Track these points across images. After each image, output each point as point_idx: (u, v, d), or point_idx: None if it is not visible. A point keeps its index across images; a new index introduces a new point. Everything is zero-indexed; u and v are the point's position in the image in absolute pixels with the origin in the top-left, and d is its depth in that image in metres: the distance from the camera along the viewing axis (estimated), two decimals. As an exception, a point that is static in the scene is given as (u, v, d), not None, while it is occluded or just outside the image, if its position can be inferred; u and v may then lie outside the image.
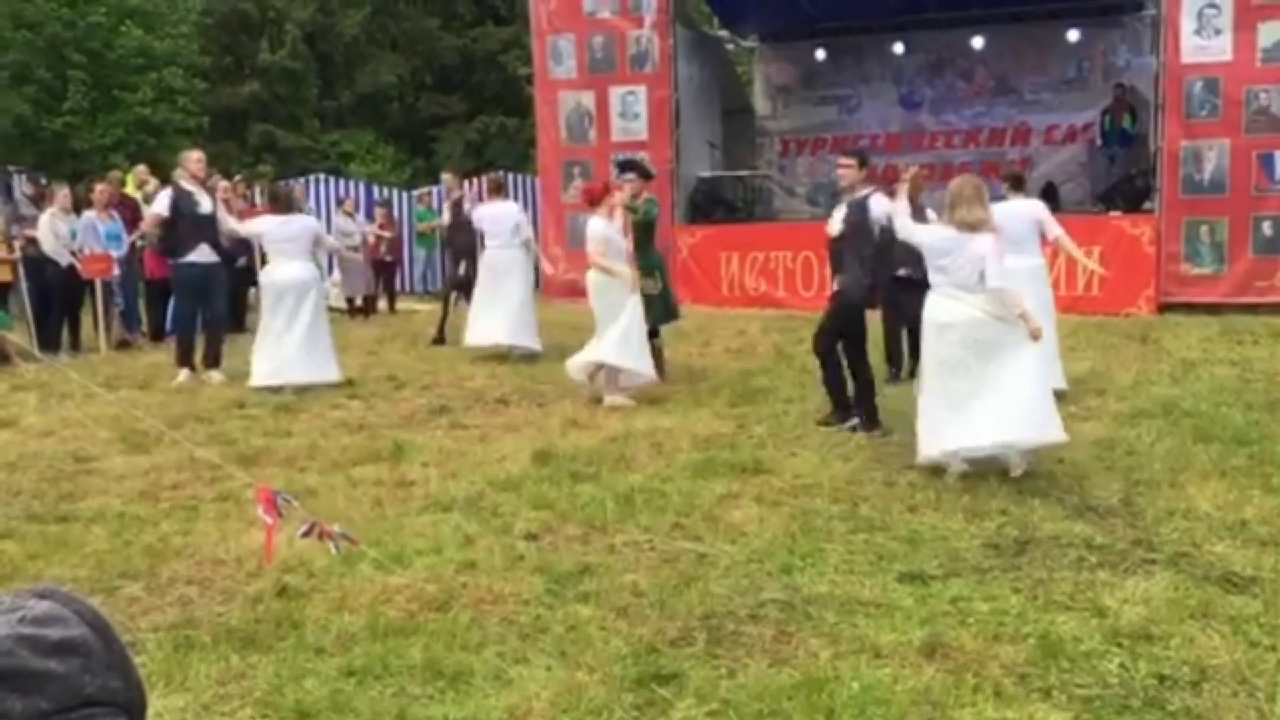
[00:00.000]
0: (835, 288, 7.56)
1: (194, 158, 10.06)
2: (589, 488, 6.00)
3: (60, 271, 11.58)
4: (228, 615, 4.34)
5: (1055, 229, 8.36)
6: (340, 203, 17.07)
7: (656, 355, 9.01)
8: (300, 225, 9.61)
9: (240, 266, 13.18)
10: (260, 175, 21.00)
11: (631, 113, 15.31)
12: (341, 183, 19.92)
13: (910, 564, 4.77)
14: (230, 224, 10.18)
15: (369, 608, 4.31)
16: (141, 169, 14.84)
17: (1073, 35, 16.56)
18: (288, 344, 9.15)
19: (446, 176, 13.29)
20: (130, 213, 12.91)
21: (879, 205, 7.38)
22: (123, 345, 12.15)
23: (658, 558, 4.95)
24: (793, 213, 17.30)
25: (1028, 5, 16.53)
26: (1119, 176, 15.23)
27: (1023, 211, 8.27)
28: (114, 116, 22.70)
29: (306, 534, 4.21)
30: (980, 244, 5.99)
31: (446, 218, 12.64)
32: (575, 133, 15.59)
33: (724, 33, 18.46)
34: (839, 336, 7.43)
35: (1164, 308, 12.83)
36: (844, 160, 7.73)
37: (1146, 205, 13.66)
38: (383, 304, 15.98)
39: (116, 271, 12.04)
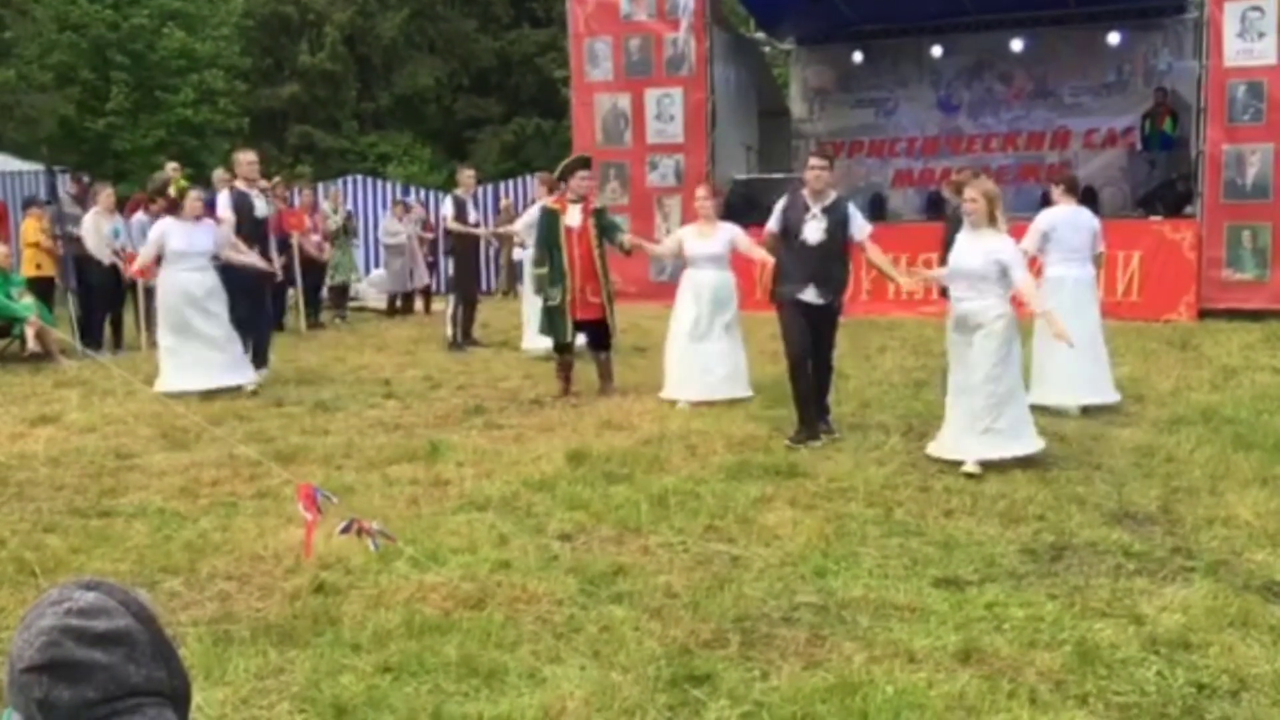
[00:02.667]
0: (822, 300, 7.21)
1: (245, 160, 9.96)
2: (623, 489, 6.02)
3: (103, 270, 11.74)
4: (266, 611, 4.39)
5: (1099, 245, 8.34)
6: (396, 203, 17.23)
7: (567, 370, 8.98)
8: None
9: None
10: (298, 176, 21.20)
11: (667, 115, 15.34)
12: (377, 183, 20.09)
13: (945, 569, 4.76)
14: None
15: (405, 605, 4.34)
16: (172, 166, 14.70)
17: (1113, 38, 16.41)
18: (199, 349, 9.12)
19: (468, 174, 12.73)
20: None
21: (861, 225, 7.33)
22: (163, 343, 12.28)
23: (691, 559, 4.96)
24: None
25: (1068, 8, 16.40)
26: (1160, 181, 15.07)
27: (1083, 220, 8.22)
28: (156, 117, 22.99)
29: (346, 530, 4.26)
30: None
31: (472, 218, 12.24)
32: (611, 135, 15.63)
33: (760, 35, 18.44)
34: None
35: (1205, 314, 12.70)
36: (817, 161, 7.36)
37: (1188, 210, 13.53)
38: (418, 304, 16.09)
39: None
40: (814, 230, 7.14)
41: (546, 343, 10.33)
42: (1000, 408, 6.29)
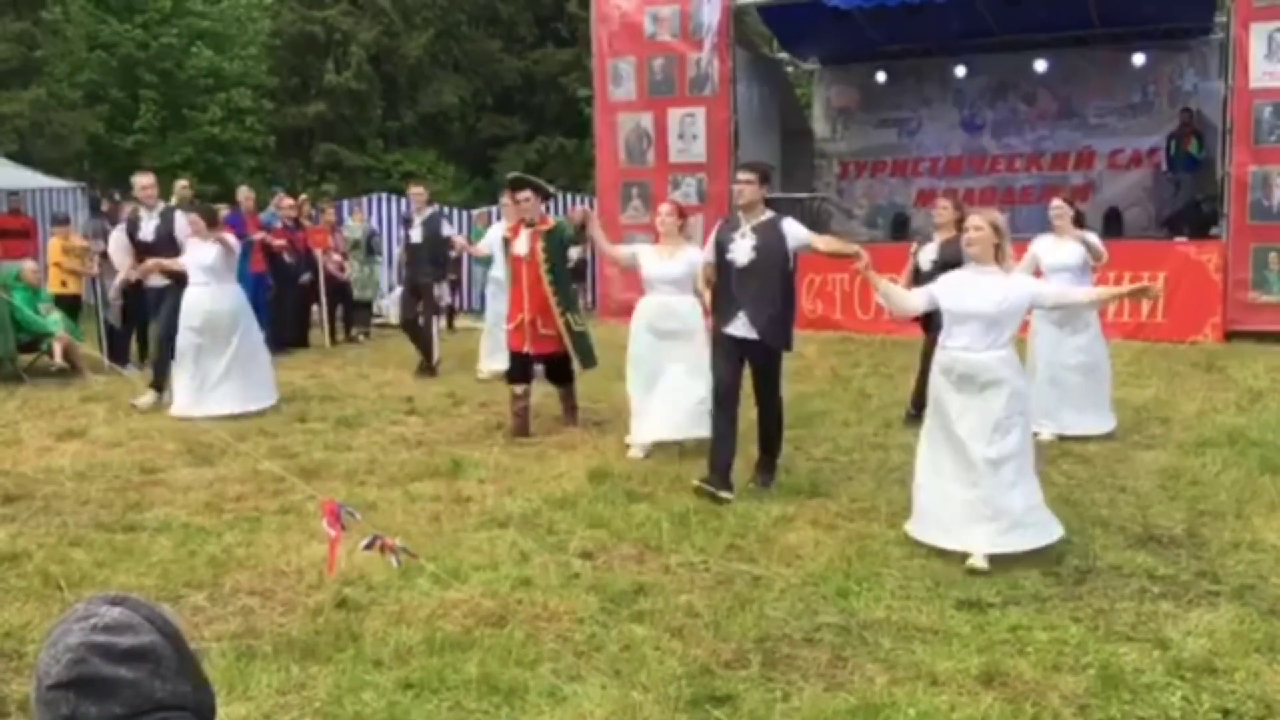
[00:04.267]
0: (754, 334, 6.31)
1: (139, 183, 9.70)
2: (644, 507, 6.02)
3: (131, 288, 11.84)
4: (288, 626, 4.41)
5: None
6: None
7: (515, 404, 8.19)
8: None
9: (304, 282, 13.44)
10: (323, 194, 21.36)
11: (690, 134, 15.38)
12: (402, 201, 20.21)
13: (968, 591, 4.73)
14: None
15: (426, 622, 4.36)
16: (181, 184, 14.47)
17: (1138, 59, 16.37)
18: (212, 374, 8.90)
19: (416, 190, 11.82)
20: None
21: (796, 230, 6.40)
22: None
23: (712, 579, 4.96)
24: (851, 235, 17.17)
25: (1092, 29, 16.37)
26: (1185, 202, 15.01)
27: None
28: (184, 135, 23.26)
29: (369, 546, 4.28)
30: None
31: (418, 235, 11.39)
32: (634, 154, 15.69)
33: (784, 55, 18.48)
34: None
35: (1230, 335, 12.61)
36: (744, 175, 6.47)
37: (1213, 231, 13.46)
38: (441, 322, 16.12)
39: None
40: (742, 250, 6.31)
41: (496, 366, 10.06)
42: (1016, 484, 5.19)
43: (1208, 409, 8.62)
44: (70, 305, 12.14)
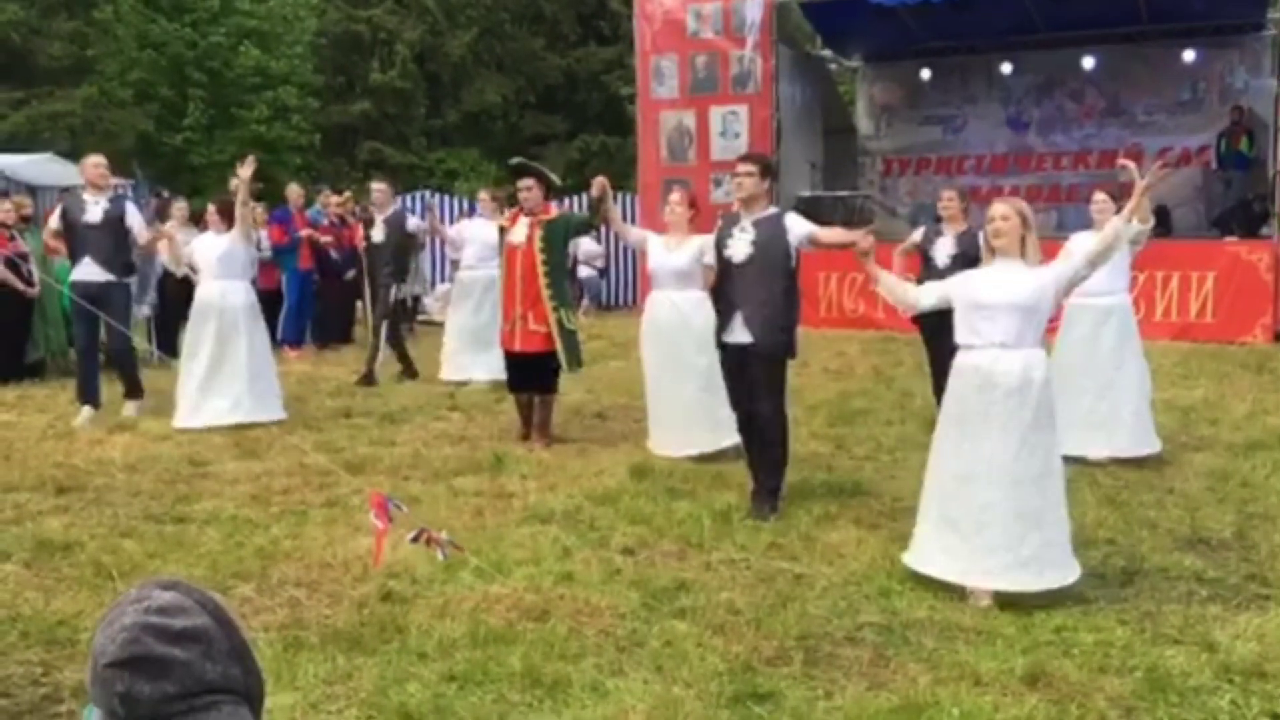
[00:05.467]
0: (749, 337, 5.90)
1: (89, 163, 8.92)
2: (685, 504, 6.03)
3: (177, 281, 12.02)
4: (334, 618, 4.46)
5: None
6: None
7: (521, 411, 7.90)
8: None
9: (348, 279, 13.55)
10: (368, 192, 21.55)
11: (732, 132, 15.36)
12: (445, 199, 20.34)
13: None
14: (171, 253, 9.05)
15: (470, 615, 4.39)
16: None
17: (1188, 56, 16.12)
18: (220, 379, 8.42)
19: (378, 186, 11.38)
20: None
21: (798, 224, 6.00)
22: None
23: (754, 576, 4.96)
24: (894, 234, 16.98)
25: (1141, 25, 16.15)
26: (1235, 201, 14.78)
27: None
28: (231, 133, 23.54)
29: (415, 539, 4.32)
30: None
31: (379, 234, 10.89)
32: (676, 152, 15.70)
33: (827, 52, 18.39)
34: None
35: (1281, 337, 12.43)
36: (744, 167, 6.01)
37: (1264, 231, 13.25)
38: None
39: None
40: (740, 245, 5.92)
41: (462, 374, 10.09)
42: (1039, 512, 4.63)
43: (1258, 410, 8.49)
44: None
